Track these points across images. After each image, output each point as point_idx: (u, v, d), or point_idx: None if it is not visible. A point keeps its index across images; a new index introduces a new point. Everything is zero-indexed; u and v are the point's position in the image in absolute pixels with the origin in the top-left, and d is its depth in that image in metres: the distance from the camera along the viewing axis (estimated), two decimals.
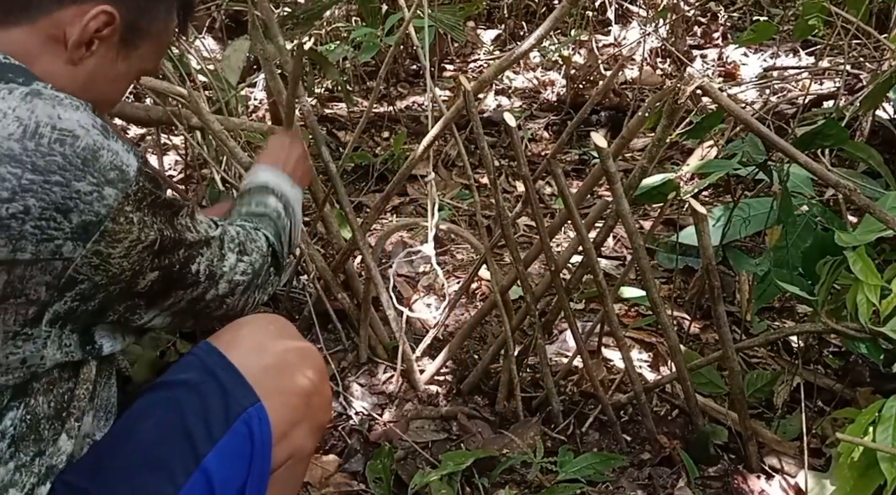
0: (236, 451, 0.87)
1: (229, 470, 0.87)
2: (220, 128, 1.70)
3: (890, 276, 1.25)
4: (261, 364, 0.93)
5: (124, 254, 0.76)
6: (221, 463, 0.86)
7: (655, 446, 1.53)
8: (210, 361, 0.92)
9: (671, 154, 2.89)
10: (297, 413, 0.94)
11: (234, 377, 0.90)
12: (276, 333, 0.99)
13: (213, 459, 0.86)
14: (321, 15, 2.56)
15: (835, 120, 1.52)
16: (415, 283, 2.15)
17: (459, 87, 1.39)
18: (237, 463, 0.88)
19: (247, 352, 0.93)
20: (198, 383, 0.90)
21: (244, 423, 0.88)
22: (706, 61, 3.84)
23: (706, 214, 1.25)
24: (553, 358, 1.80)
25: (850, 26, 2.17)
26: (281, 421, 0.91)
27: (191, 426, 0.86)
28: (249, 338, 0.96)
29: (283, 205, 1.10)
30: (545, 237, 1.43)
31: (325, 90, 3.41)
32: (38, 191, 0.69)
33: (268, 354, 0.94)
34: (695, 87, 1.22)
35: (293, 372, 0.95)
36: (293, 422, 0.94)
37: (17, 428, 0.76)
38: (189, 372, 0.91)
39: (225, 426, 0.87)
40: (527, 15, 4.11)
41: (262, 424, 0.89)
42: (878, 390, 1.61)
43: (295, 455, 0.96)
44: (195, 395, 0.88)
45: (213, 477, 0.85)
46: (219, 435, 0.86)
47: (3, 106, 0.71)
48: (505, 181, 2.77)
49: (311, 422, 0.98)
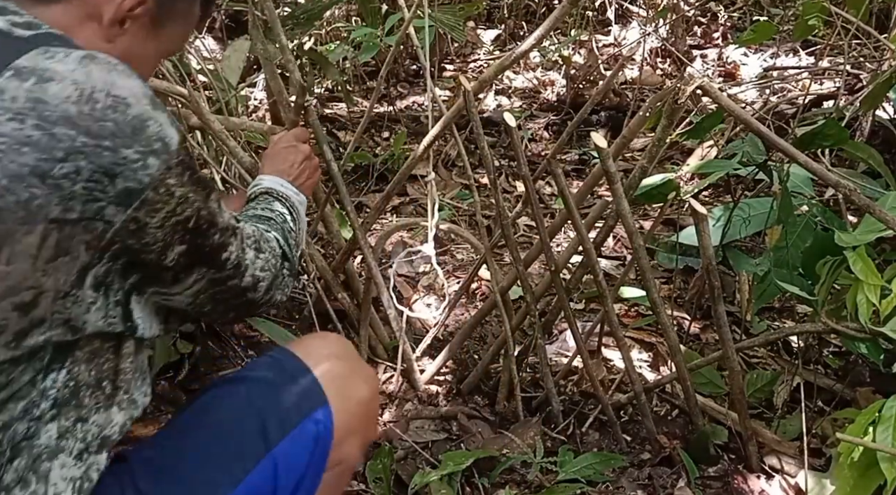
0: (302, 445, 0.94)
1: (293, 462, 0.93)
2: (220, 128, 1.70)
3: (890, 276, 1.25)
4: (331, 372, 1.00)
5: (160, 224, 0.79)
6: (289, 453, 0.93)
7: (655, 446, 1.53)
8: (286, 363, 0.99)
9: (671, 154, 2.89)
10: (356, 422, 1.00)
11: (308, 379, 0.97)
12: (344, 349, 1.07)
13: (283, 449, 0.92)
14: (321, 15, 2.56)
15: (835, 120, 1.53)
16: (415, 283, 2.16)
17: (459, 87, 1.39)
18: (301, 456, 0.94)
19: (320, 360, 1.00)
20: (273, 380, 0.97)
21: (312, 421, 0.95)
22: (706, 61, 3.84)
23: (706, 214, 1.25)
24: (553, 358, 1.80)
25: (850, 26, 2.17)
26: (342, 426, 0.97)
27: (265, 415, 0.93)
28: (322, 349, 1.04)
29: (288, 209, 1.14)
30: (545, 237, 1.43)
31: (325, 90, 3.41)
32: (90, 154, 0.72)
33: (338, 365, 1.02)
34: (695, 87, 1.22)
35: (357, 385, 1.02)
36: (350, 431, 0.99)
37: (60, 391, 0.79)
38: (267, 371, 0.99)
39: (297, 420, 0.94)
40: (527, 15, 4.12)
41: (326, 425, 0.96)
42: (878, 390, 1.61)
43: (344, 462, 1.01)
44: (271, 390, 0.96)
45: (280, 464, 0.92)
46: (290, 428, 0.93)
47: (62, 68, 0.74)
48: (505, 181, 2.77)
49: (363, 435, 1.04)
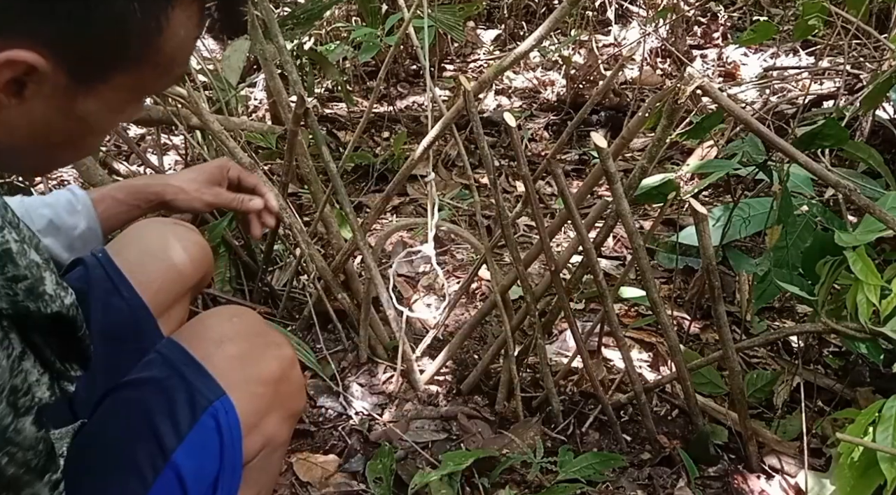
0: (205, 445, 0.87)
1: (199, 464, 0.87)
2: (220, 128, 1.70)
3: (890, 276, 1.25)
4: (224, 356, 0.92)
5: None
6: (191, 457, 0.86)
7: (655, 446, 1.53)
8: (173, 357, 0.91)
9: (671, 154, 2.89)
10: (266, 402, 0.94)
11: (198, 371, 0.90)
12: (240, 324, 0.98)
13: (182, 454, 0.86)
14: (321, 15, 2.56)
15: (835, 120, 1.52)
16: (415, 283, 2.16)
17: (459, 87, 1.39)
18: (207, 457, 0.87)
19: (210, 346, 0.93)
20: (161, 380, 0.89)
21: (211, 417, 0.87)
22: (706, 61, 3.84)
23: (706, 214, 1.25)
24: (553, 358, 1.80)
25: (850, 26, 2.17)
26: (249, 411, 0.91)
27: (157, 423, 0.86)
28: (212, 331, 0.95)
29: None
30: (545, 237, 1.43)
31: (325, 90, 3.41)
32: None
33: (231, 346, 0.94)
34: (695, 87, 1.22)
35: (258, 362, 0.95)
36: (262, 412, 0.93)
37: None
38: (152, 370, 0.91)
39: (192, 421, 0.87)
40: (527, 15, 4.12)
41: (229, 416, 0.88)
42: (878, 390, 1.61)
43: (268, 445, 0.96)
44: (160, 393, 0.88)
45: (184, 472, 0.85)
46: (186, 430, 0.86)
47: None
48: (505, 181, 2.77)
49: (282, 411, 0.97)
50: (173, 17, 0.68)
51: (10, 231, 0.64)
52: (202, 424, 0.87)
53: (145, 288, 1.09)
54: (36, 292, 0.66)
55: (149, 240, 1.15)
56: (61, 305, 0.68)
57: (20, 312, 0.65)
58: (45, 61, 0.63)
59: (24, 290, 0.65)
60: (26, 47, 0.62)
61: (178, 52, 0.71)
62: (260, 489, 1.01)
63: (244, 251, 1.97)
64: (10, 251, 0.63)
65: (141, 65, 0.69)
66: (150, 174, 1.62)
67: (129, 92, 0.71)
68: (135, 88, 0.71)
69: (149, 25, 0.66)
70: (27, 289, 0.65)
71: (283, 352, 1.00)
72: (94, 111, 0.69)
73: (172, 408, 0.87)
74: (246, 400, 0.90)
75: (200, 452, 0.87)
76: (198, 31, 0.72)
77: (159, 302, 1.12)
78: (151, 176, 1.26)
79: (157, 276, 1.12)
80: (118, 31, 0.65)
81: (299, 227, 1.70)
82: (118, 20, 0.65)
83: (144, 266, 1.11)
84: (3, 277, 0.63)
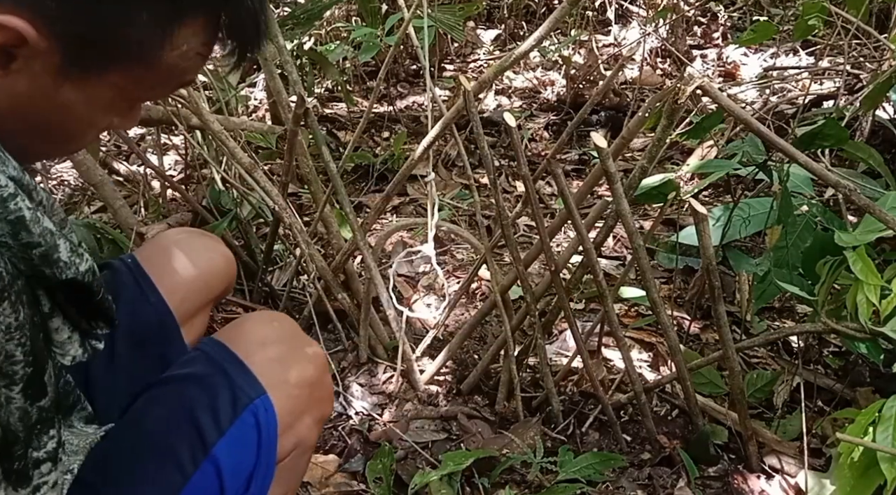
0: (244, 441, 0.89)
1: (237, 458, 0.89)
2: (219, 128, 1.70)
3: (890, 276, 1.25)
4: (265, 357, 0.95)
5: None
6: (230, 451, 0.88)
7: (655, 446, 1.53)
8: (216, 355, 0.93)
9: (671, 154, 2.90)
10: (301, 404, 0.96)
11: (241, 369, 0.92)
12: (280, 328, 1.01)
13: (222, 448, 0.88)
14: (321, 15, 2.56)
15: (835, 120, 1.52)
16: (415, 283, 2.16)
17: (459, 87, 1.39)
18: (245, 452, 0.89)
19: (252, 346, 0.95)
20: (205, 376, 0.91)
21: (251, 414, 0.90)
22: (706, 61, 3.84)
23: (706, 214, 1.25)
24: (553, 358, 1.80)
25: (850, 26, 2.17)
26: (286, 411, 0.93)
27: (199, 417, 0.88)
28: (253, 333, 0.98)
29: None
30: (545, 237, 1.43)
31: (325, 90, 3.41)
32: None
33: (272, 348, 0.96)
34: (695, 87, 1.22)
35: (296, 365, 0.97)
36: (297, 413, 0.95)
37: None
38: (196, 366, 0.93)
39: (233, 416, 0.89)
40: (527, 15, 4.12)
41: (268, 415, 0.91)
42: (878, 390, 1.61)
43: (300, 445, 0.98)
44: (203, 388, 0.90)
45: (222, 465, 0.87)
46: (227, 425, 0.88)
47: None
48: (505, 181, 2.77)
49: (314, 414, 0.99)
50: (179, 33, 0.68)
51: (24, 198, 0.65)
52: (242, 420, 0.89)
53: (172, 295, 1.11)
54: (50, 259, 0.68)
55: (178, 249, 1.16)
56: (76, 272, 0.70)
57: (38, 275, 0.68)
58: (40, 36, 0.63)
59: (39, 257, 0.67)
60: (24, 18, 0.62)
61: (178, 65, 0.71)
62: (287, 489, 1.03)
63: (244, 251, 1.97)
64: (24, 219, 0.65)
65: (137, 69, 0.69)
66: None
67: (120, 92, 0.70)
68: (126, 90, 0.71)
69: (153, 33, 0.67)
70: (42, 256, 0.67)
71: (319, 357, 1.03)
72: (79, 102, 0.69)
73: (214, 403, 0.89)
74: (284, 400, 0.93)
75: (239, 447, 0.89)
76: (205, 50, 0.73)
77: (184, 310, 1.13)
78: None
79: (183, 285, 1.13)
80: (123, 29, 0.66)
81: (299, 227, 1.70)
82: (125, 20, 0.65)
83: (172, 274, 1.12)
84: (18, 243, 0.65)
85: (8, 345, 0.66)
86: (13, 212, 0.64)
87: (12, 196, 0.64)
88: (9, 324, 0.65)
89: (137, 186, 2.34)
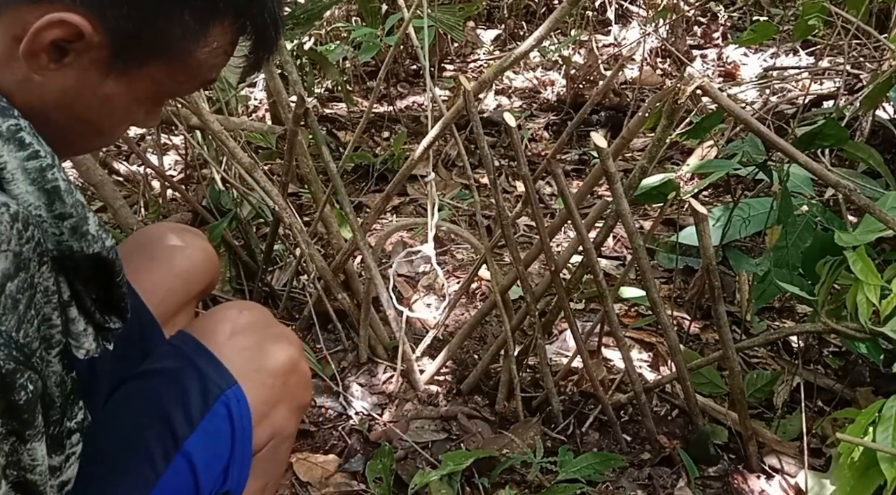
0: (217, 433, 0.88)
1: (211, 452, 0.88)
2: (219, 128, 1.70)
3: (890, 276, 1.25)
4: (236, 347, 0.94)
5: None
6: (202, 445, 0.87)
7: (655, 446, 1.53)
8: (187, 348, 0.93)
9: (671, 154, 2.90)
10: (276, 393, 0.95)
11: (211, 361, 0.91)
12: (251, 318, 1.00)
13: (194, 442, 0.87)
14: (321, 15, 2.56)
15: (835, 120, 1.52)
16: (415, 283, 2.16)
17: (459, 87, 1.39)
18: (218, 445, 0.89)
19: (222, 337, 0.94)
20: (175, 369, 0.90)
21: (223, 405, 0.89)
22: (706, 61, 3.84)
23: (706, 214, 1.25)
24: (553, 358, 1.80)
25: (850, 26, 2.17)
26: (260, 401, 0.92)
27: (170, 411, 0.87)
28: (224, 324, 0.97)
29: None
30: (545, 237, 1.43)
31: (325, 90, 3.41)
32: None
33: (242, 337, 0.95)
34: (695, 87, 1.22)
35: (269, 354, 0.97)
36: (272, 403, 0.94)
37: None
38: (166, 361, 0.93)
39: (204, 409, 0.88)
40: (527, 15, 4.12)
41: (240, 405, 0.90)
42: (878, 390, 1.61)
43: (276, 435, 0.97)
44: (173, 381, 0.89)
45: (195, 459, 0.87)
46: (198, 418, 0.88)
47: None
48: (505, 181, 2.77)
49: (291, 402, 0.99)
50: (213, 28, 0.73)
51: (60, 169, 0.68)
52: (214, 412, 0.88)
53: (150, 295, 1.10)
54: (80, 231, 0.69)
55: (155, 248, 1.15)
56: (102, 247, 0.72)
57: (64, 253, 0.69)
58: (94, 31, 0.67)
59: (69, 229, 0.68)
60: (80, 14, 0.66)
61: (207, 62, 0.76)
62: (268, 480, 1.02)
63: (244, 251, 1.97)
64: (59, 188, 0.67)
65: (175, 61, 0.74)
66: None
67: (156, 86, 0.75)
68: (162, 84, 0.75)
69: (193, 28, 0.72)
70: (72, 228, 0.68)
71: (292, 344, 1.02)
72: (120, 94, 0.73)
73: (185, 397, 0.88)
74: (257, 389, 0.92)
75: (212, 440, 0.88)
76: (231, 48, 0.77)
77: (164, 310, 1.12)
78: None
79: (162, 285, 1.12)
80: (168, 25, 0.71)
81: (299, 227, 1.70)
82: (169, 14, 0.70)
83: (150, 274, 1.11)
84: (51, 214, 0.67)
85: (46, 307, 0.68)
86: (50, 181, 0.66)
87: (50, 166, 0.67)
88: (46, 287, 0.67)
89: (137, 186, 2.35)
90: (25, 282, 0.64)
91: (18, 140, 0.66)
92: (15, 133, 0.66)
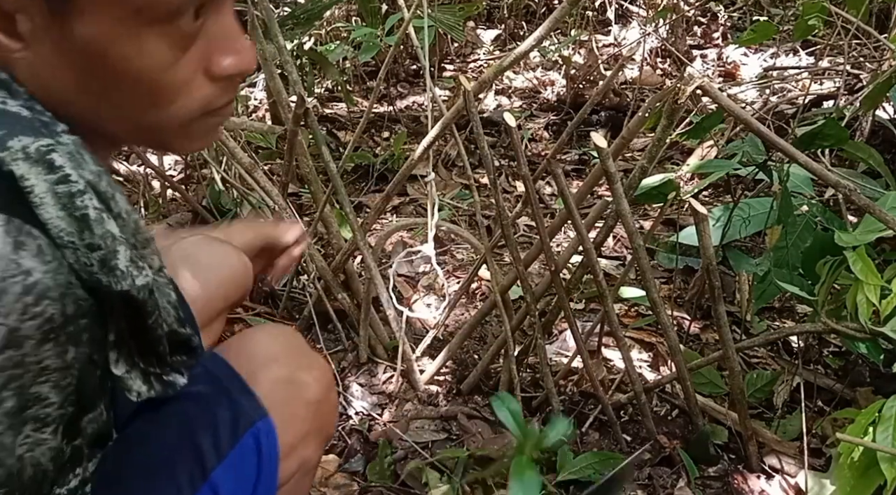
0: (244, 465, 0.87)
1: (237, 484, 0.86)
2: None
3: (890, 276, 1.25)
4: (269, 376, 0.93)
5: None
6: (229, 477, 0.86)
7: (655, 446, 1.53)
8: (218, 373, 0.91)
9: (671, 154, 2.90)
10: (306, 424, 0.94)
11: (243, 389, 0.90)
12: (285, 344, 0.99)
13: (221, 473, 0.85)
14: (321, 15, 2.56)
15: (835, 120, 1.52)
16: (415, 283, 2.16)
17: (459, 87, 1.39)
18: (245, 477, 0.87)
19: (256, 364, 0.93)
20: (206, 395, 0.89)
21: (252, 437, 0.87)
22: (706, 61, 3.84)
23: (706, 214, 1.25)
24: (553, 358, 1.80)
25: (850, 26, 2.17)
26: (289, 433, 0.91)
27: (199, 439, 0.85)
28: (258, 350, 0.96)
29: None
30: (545, 237, 1.43)
31: (325, 90, 3.41)
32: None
33: (276, 366, 0.94)
34: (695, 87, 1.22)
35: (301, 384, 0.95)
36: (301, 435, 0.93)
37: None
38: (197, 384, 0.89)
39: (233, 440, 0.86)
40: (527, 15, 4.12)
41: (269, 438, 0.88)
42: (878, 390, 1.61)
43: (303, 466, 0.96)
44: (204, 408, 0.87)
45: (221, 490, 0.85)
46: (227, 449, 0.86)
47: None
48: (505, 181, 2.77)
49: (319, 434, 0.98)
50: None
51: (92, 197, 0.62)
52: (243, 444, 0.86)
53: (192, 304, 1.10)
54: (108, 265, 0.63)
55: (198, 257, 1.13)
56: (131, 285, 0.64)
57: (93, 286, 0.62)
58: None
59: (98, 261, 0.62)
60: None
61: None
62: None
63: None
64: (88, 217, 0.61)
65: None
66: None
67: (121, 6, 0.60)
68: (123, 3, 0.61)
69: None
70: (100, 260, 0.62)
71: (325, 374, 1.00)
72: (103, 41, 0.61)
73: (215, 425, 0.86)
74: (287, 421, 0.90)
75: (239, 472, 0.86)
76: None
77: (202, 318, 1.11)
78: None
79: (203, 293, 1.11)
80: None
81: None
82: None
83: (192, 281, 1.11)
84: (83, 243, 0.61)
85: (41, 387, 0.62)
86: (80, 208, 0.61)
87: (81, 192, 0.61)
88: (46, 365, 0.61)
89: (137, 186, 2.34)
90: (10, 361, 0.58)
91: (48, 162, 0.60)
92: (45, 154, 0.60)
